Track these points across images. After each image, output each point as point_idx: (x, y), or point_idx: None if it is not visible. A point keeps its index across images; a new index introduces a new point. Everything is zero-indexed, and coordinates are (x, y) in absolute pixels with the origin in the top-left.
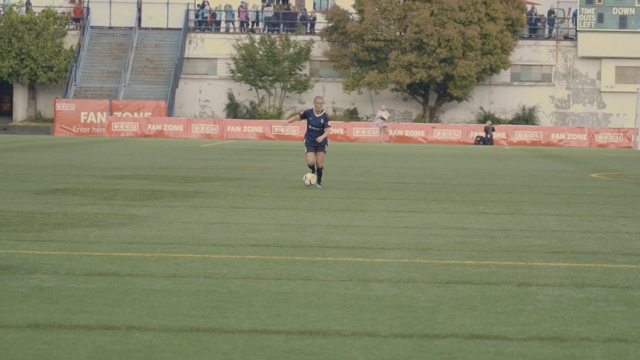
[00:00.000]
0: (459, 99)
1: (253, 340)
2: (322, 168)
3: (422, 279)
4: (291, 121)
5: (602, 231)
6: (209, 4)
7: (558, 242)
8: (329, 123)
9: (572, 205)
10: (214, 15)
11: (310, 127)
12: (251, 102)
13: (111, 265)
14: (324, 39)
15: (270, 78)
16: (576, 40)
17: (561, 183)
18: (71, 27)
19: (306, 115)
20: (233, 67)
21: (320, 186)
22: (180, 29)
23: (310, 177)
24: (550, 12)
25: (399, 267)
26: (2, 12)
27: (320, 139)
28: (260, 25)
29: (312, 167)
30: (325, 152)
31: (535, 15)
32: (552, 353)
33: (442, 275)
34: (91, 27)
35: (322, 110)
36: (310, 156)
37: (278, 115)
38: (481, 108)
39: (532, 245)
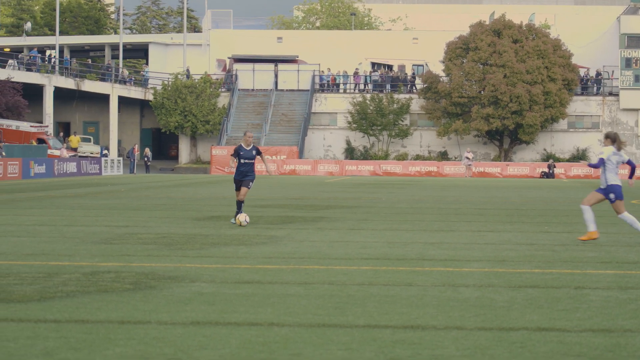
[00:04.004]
0: (527, 143)
1: (367, 333)
2: (242, 201)
3: (500, 284)
4: (234, 162)
5: None
6: (330, 70)
7: (606, 254)
8: (261, 149)
9: (616, 225)
10: (334, 79)
11: (242, 160)
12: (364, 147)
13: (255, 275)
14: (421, 96)
15: (379, 127)
16: (618, 95)
17: (609, 208)
18: (223, 90)
19: (237, 151)
20: (349, 119)
21: (233, 222)
22: (308, 90)
23: (243, 217)
24: (598, 74)
25: (481, 275)
26: (170, 80)
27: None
28: (370, 86)
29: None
30: (249, 188)
31: (586, 76)
32: (602, 342)
33: (515, 281)
34: (238, 89)
35: (252, 144)
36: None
37: (385, 156)
38: (544, 149)
39: (585, 257)
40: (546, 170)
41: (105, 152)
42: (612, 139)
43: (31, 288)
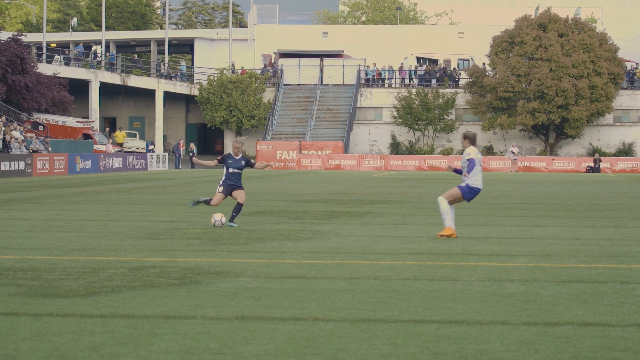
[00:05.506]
0: (573, 137)
1: (412, 328)
2: (242, 204)
3: (545, 279)
4: (209, 166)
5: None
6: (375, 65)
7: None
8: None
9: None
10: (379, 74)
11: (231, 170)
12: (409, 141)
13: (300, 270)
14: (466, 91)
15: (424, 122)
16: None
17: None
18: (268, 85)
19: (224, 159)
20: (395, 114)
21: (235, 225)
22: (353, 85)
23: (219, 217)
24: None
25: (526, 270)
26: (215, 75)
27: (259, 166)
28: (415, 81)
29: (216, 206)
30: (244, 190)
31: (632, 70)
32: None
33: (561, 276)
34: (284, 84)
35: (241, 154)
36: (220, 198)
37: (431, 151)
38: (590, 144)
39: (631, 251)
40: (592, 164)
41: (151, 147)
42: (472, 139)
43: (77, 283)
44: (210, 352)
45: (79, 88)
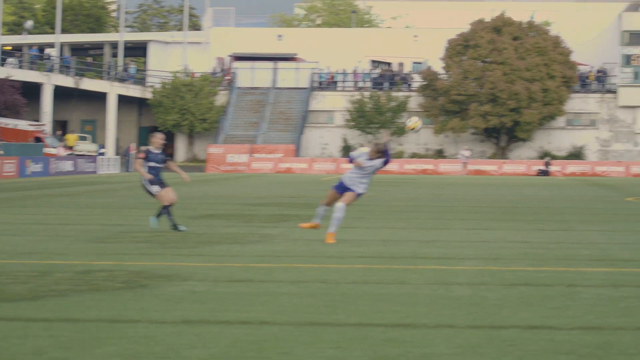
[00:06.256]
0: (524, 140)
1: (358, 331)
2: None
3: (492, 282)
4: (140, 170)
5: (635, 243)
6: (329, 68)
7: (599, 252)
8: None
9: (611, 223)
10: (332, 77)
11: (151, 164)
12: (361, 145)
13: (248, 274)
14: (420, 94)
15: (377, 125)
16: (616, 93)
17: (604, 205)
18: (222, 87)
19: (146, 153)
20: (347, 117)
21: (155, 223)
22: (306, 88)
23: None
24: (599, 71)
25: (474, 273)
26: (169, 78)
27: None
28: (368, 84)
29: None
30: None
31: (586, 73)
32: (592, 340)
33: (508, 279)
34: (237, 87)
35: (161, 147)
36: (166, 192)
37: None
38: (541, 147)
39: (579, 254)
40: (542, 167)
41: (102, 150)
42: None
43: (23, 287)
44: (155, 356)
45: (32, 91)
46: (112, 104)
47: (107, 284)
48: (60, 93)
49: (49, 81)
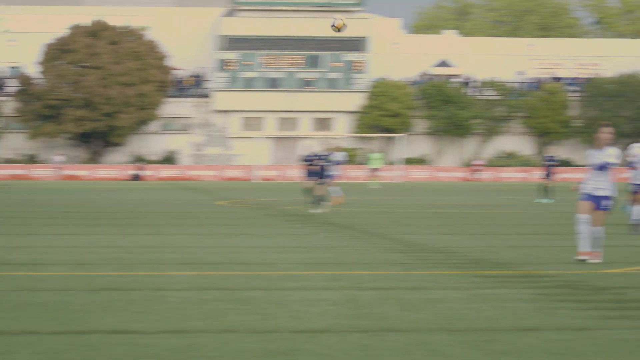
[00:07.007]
0: (119, 145)
1: None
2: None
3: (78, 288)
4: None
5: (222, 246)
6: None
7: (187, 256)
8: None
9: (201, 227)
10: None
11: None
12: None
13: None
14: (17, 99)
15: None
16: (211, 97)
17: (194, 209)
18: None
19: None
20: None
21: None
22: None
23: None
24: (194, 75)
25: (60, 279)
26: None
27: None
28: None
29: None
30: None
31: (181, 78)
32: (176, 343)
33: (94, 284)
34: None
35: None
36: None
37: None
38: (136, 151)
39: (167, 258)
40: (136, 172)
41: None
42: None
43: None
44: None
45: None
46: None
47: None
48: None
49: None
